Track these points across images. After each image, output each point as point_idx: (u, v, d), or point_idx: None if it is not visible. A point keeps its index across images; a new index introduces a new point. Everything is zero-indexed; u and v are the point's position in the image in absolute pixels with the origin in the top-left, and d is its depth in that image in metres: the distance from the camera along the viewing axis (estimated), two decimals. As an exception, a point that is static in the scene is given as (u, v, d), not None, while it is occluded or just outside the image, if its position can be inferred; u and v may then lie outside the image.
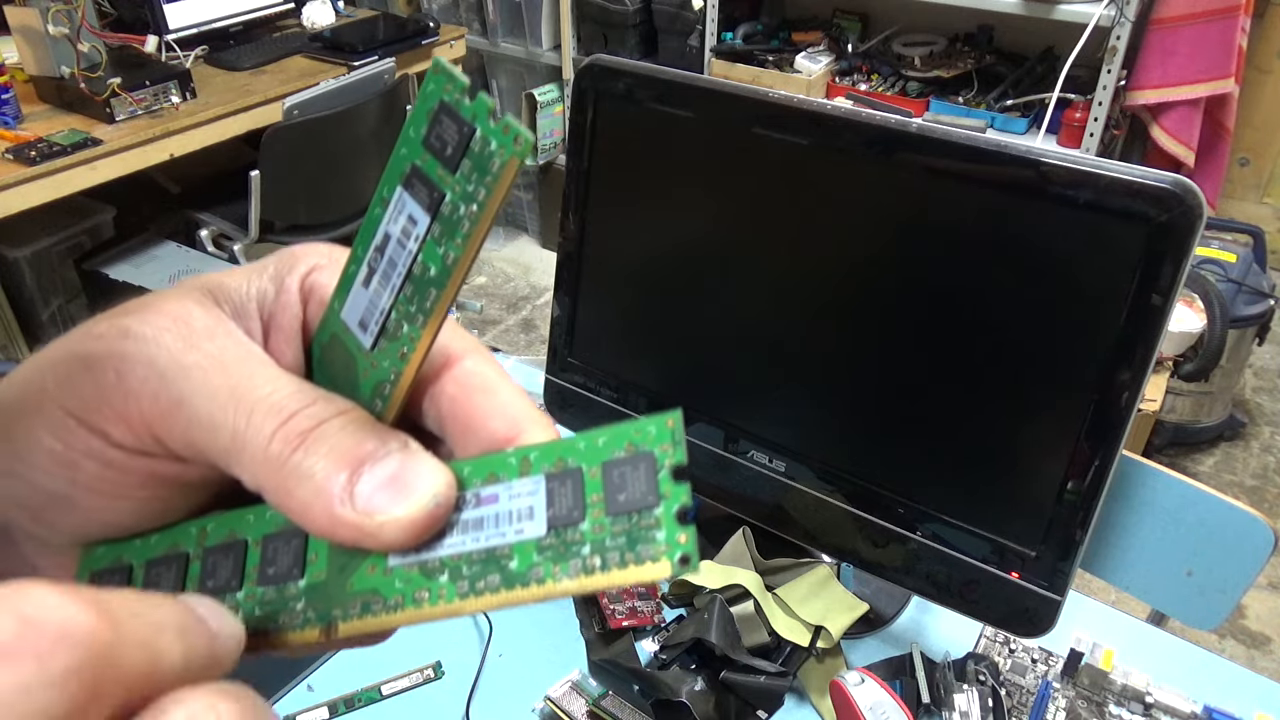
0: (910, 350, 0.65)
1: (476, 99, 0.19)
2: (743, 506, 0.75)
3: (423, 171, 0.19)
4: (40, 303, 2.19)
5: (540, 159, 2.81)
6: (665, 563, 0.18)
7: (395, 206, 0.20)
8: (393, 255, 0.20)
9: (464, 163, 0.19)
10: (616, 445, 0.19)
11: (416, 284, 0.20)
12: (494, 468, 0.20)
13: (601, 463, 0.19)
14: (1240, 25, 1.96)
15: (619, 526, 0.18)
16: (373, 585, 0.20)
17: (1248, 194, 2.63)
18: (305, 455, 0.19)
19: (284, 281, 0.23)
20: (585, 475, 0.19)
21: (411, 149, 0.20)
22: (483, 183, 0.18)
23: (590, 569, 0.18)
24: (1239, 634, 1.73)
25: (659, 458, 0.18)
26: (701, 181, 0.70)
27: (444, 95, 0.19)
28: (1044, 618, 0.62)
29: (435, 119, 0.19)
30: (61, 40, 1.82)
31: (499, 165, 0.18)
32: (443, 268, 0.19)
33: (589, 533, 0.18)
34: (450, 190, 0.19)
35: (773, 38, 2.42)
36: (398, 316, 0.20)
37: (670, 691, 0.66)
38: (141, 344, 0.20)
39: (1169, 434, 2.09)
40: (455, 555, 0.19)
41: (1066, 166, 0.54)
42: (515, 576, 0.19)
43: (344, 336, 0.22)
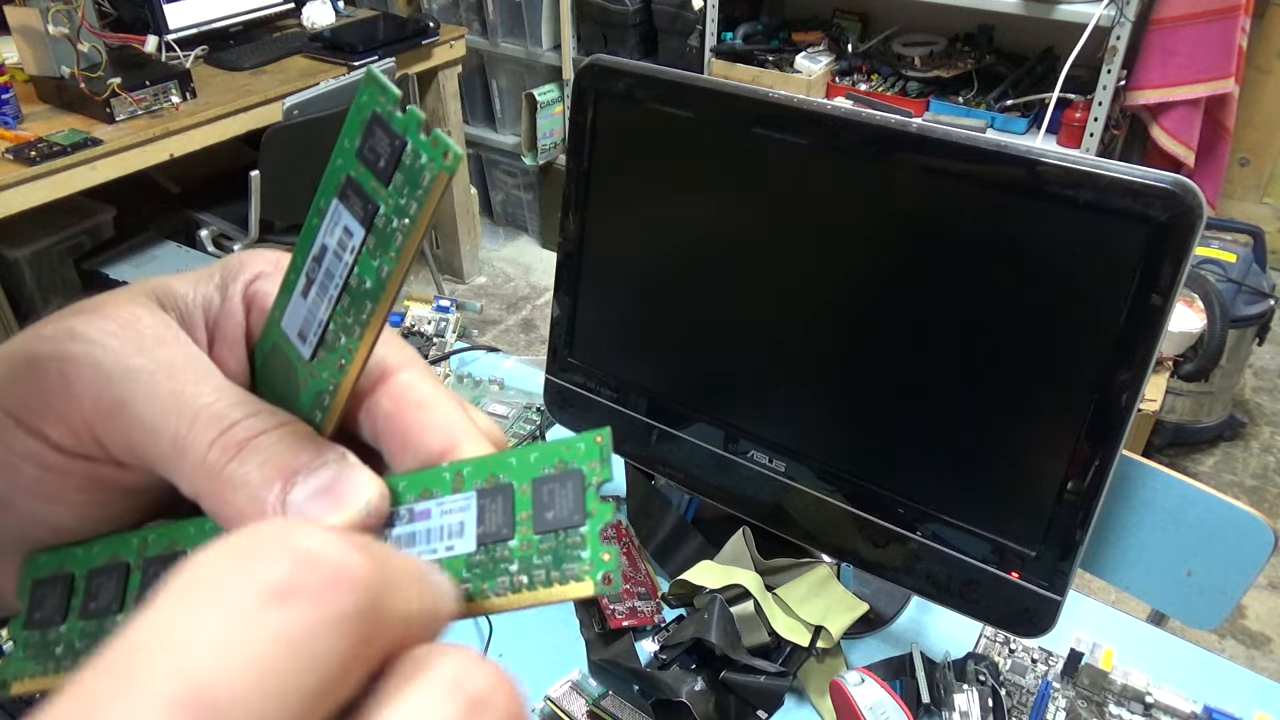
0: (910, 350, 0.65)
1: (408, 112, 0.19)
2: (743, 506, 0.75)
3: (357, 183, 0.20)
4: (40, 303, 2.19)
5: (540, 159, 2.81)
6: (588, 582, 0.18)
7: (331, 218, 0.20)
8: (329, 267, 0.20)
9: (396, 176, 0.19)
10: (547, 462, 0.19)
11: (353, 296, 0.20)
12: (428, 483, 0.20)
13: (532, 479, 0.19)
14: (1240, 25, 1.96)
15: (546, 544, 0.18)
16: None
17: (1248, 194, 2.63)
18: (241, 464, 0.19)
19: (229, 289, 0.23)
20: (516, 492, 0.19)
21: (346, 160, 0.20)
22: (414, 196, 0.19)
23: (517, 587, 0.18)
24: (1239, 634, 1.73)
25: (587, 475, 0.19)
26: (701, 181, 0.70)
27: (376, 107, 0.19)
28: (1044, 618, 0.62)
29: (368, 130, 0.19)
30: (61, 40, 1.82)
31: (429, 179, 0.18)
32: (377, 280, 0.19)
33: (517, 550, 0.18)
34: (384, 203, 0.19)
35: (773, 38, 2.42)
36: (335, 328, 0.20)
37: (670, 691, 0.66)
38: (87, 345, 0.20)
39: (1169, 434, 2.09)
40: None
41: (1066, 166, 0.54)
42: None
43: (285, 346, 0.22)
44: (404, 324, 1.05)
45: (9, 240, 2.08)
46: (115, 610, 0.21)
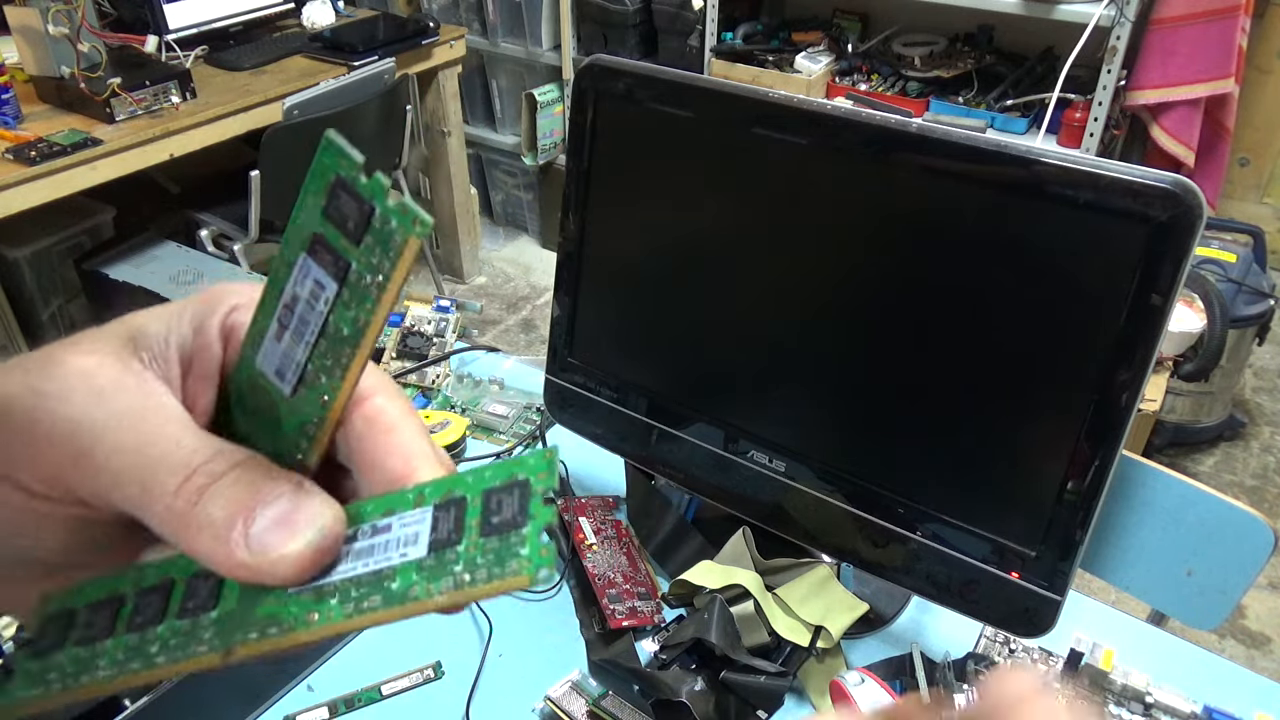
0: (910, 350, 0.65)
1: (373, 178, 0.20)
2: (743, 506, 0.75)
3: (326, 241, 0.21)
4: (40, 303, 2.19)
5: (540, 159, 2.81)
6: (525, 575, 0.19)
7: (300, 270, 0.22)
8: (303, 314, 0.22)
9: (367, 237, 0.20)
10: (499, 476, 0.21)
11: (331, 341, 0.22)
12: (392, 504, 0.22)
13: (483, 491, 0.21)
14: (1240, 25, 1.96)
15: (490, 545, 0.20)
16: (272, 611, 0.21)
17: (1248, 194, 2.63)
18: (204, 507, 0.21)
19: (203, 324, 0.24)
20: (469, 503, 0.21)
21: (310, 218, 0.21)
22: (386, 256, 0.20)
23: (460, 583, 0.20)
24: (1239, 634, 1.73)
25: (534, 484, 0.20)
26: (701, 181, 0.70)
27: (339, 170, 0.21)
28: (1044, 618, 0.62)
29: (332, 193, 0.21)
30: (61, 40, 1.82)
31: (400, 242, 0.20)
32: (354, 329, 0.21)
33: (463, 552, 0.20)
34: (355, 260, 0.21)
35: (773, 38, 2.42)
36: (315, 369, 0.22)
37: (670, 691, 0.66)
38: (49, 400, 0.21)
39: (1169, 434, 2.09)
40: (346, 580, 0.21)
41: (1066, 166, 0.54)
42: (394, 595, 0.20)
43: (262, 382, 0.23)
44: (404, 324, 1.05)
45: (9, 240, 2.08)
46: (105, 637, 0.23)
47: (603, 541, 0.81)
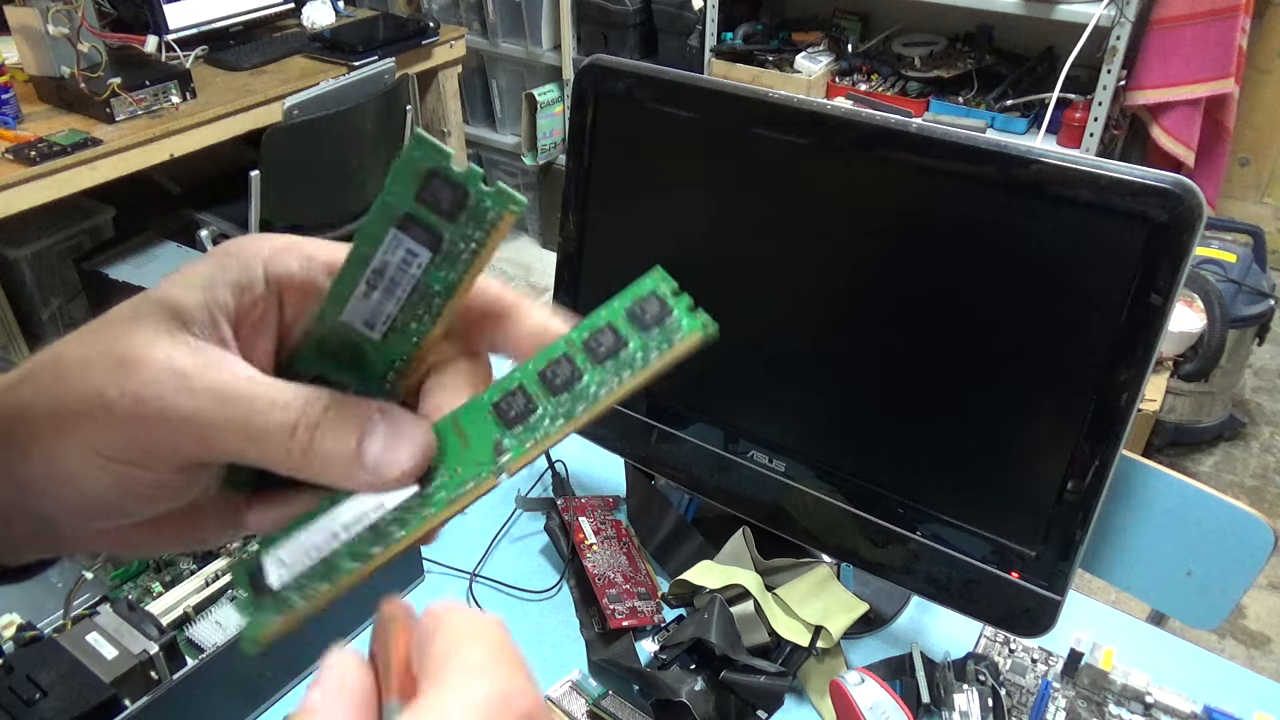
0: (910, 350, 0.65)
1: (468, 168, 0.24)
2: (743, 506, 0.75)
3: (416, 218, 0.24)
4: (40, 303, 2.19)
5: (540, 159, 2.81)
6: (696, 334, 0.24)
7: (390, 242, 0.25)
8: (394, 277, 0.25)
9: (461, 215, 0.24)
10: (626, 301, 0.25)
11: (422, 295, 0.25)
12: (549, 354, 0.25)
13: (624, 311, 0.25)
14: (1240, 25, 1.96)
15: (654, 333, 0.25)
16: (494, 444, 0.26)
17: (1248, 194, 2.63)
18: (317, 447, 0.24)
19: (245, 285, 0.26)
20: (617, 323, 0.25)
21: (400, 200, 0.24)
22: (480, 228, 0.24)
23: (648, 360, 0.24)
24: (1239, 634, 1.73)
25: (659, 290, 0.25)
26: (701, 181, 0.70)
27: (430, 163, 0.24)
28: (1044, 618, 0.62)
29: (426, 180, 0.24)
30: (61, 40, 1.82)
31: (494, 217, 0.24)
32: (446, 284, 0.25)
33: (634, 346, 0.25)
34: (448, 232, 0.24)
35: (773, 38, 2.42)
36: (405, 318, 0.26)
37: (670, 691, 0.66)
38: (148, 403, 0.23)
39: (1169, 434, 2.09)
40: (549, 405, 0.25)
41: (1066, 166, 0.54)
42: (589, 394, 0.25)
43: (346, 331, 0.26)
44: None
45: (9, 240, 2.08)
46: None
47: (603, 541, 0.81)
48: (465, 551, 0.84)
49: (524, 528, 0.87)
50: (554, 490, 0.88)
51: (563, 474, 0.90)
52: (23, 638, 0.61)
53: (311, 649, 0.74)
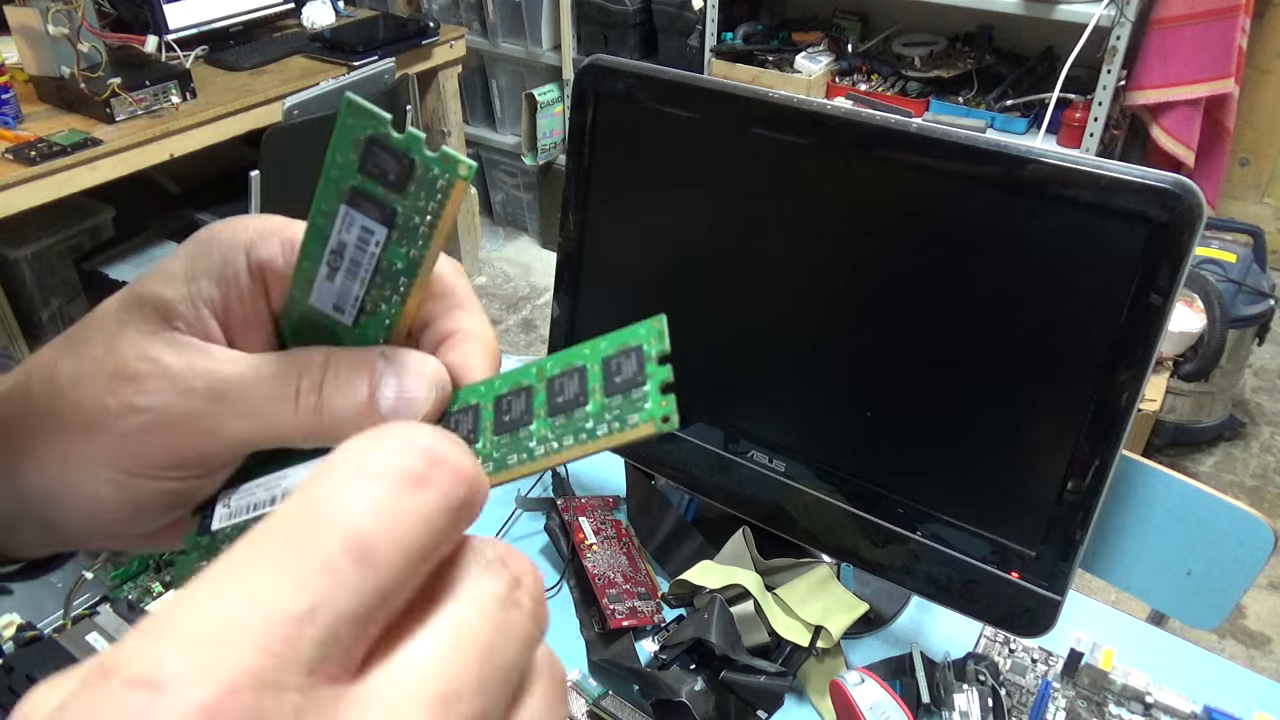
0: (910, 350, 0.65)
1: (406, 133, 0.22)
2: (743, 506, 0.75)
3: (364, 192, 0.23)
4: (40, 303, 2.19)
5: (540, 159, 2.81)
6: (650, 424, 0.21)
7: (343, 220, 0.23)
8: (354, 257, 0.24)
9: (410, 185, 0.22)
10: (613, 345, 0.23)
11: (386, 274, 0.24)
12: (517, 378, 0.24)
13: (601, 359, 0.23)
14: (1240, 25, 1.96)
15: (614, 402, 0.22)
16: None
17: (1248, 194, 2.63)
18: (331, 413, 0.23)
19: (229, 277, 0.25)
20: (589, 369, 0.23)
21: (344, 173, 0.23)
22: (433, 199, 0.22)
23: (592, 435, 0.22)
24: (1239, 634, 1.73)
25: (646, 349, 0.22)
26: (701, 181, 0.70)
27: (368, 129, 0.22)
28: (1044, 618, 0.62)
29: (367, 151, 0.22)
30: (61, 40, 1.82)
31: (446, 185, 0.22)
32: (408, 262, 0.23)
33: (592, 410, 0.22)
34: (400, 205, 0.23)
35: (773, 38, 2.42)
36: (374, 299, 0.24)
37: (670, 691, 0.66)
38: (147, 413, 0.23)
39: (1169, 434, 2.09)
40: (489, 443, 0.23)
41: (1066, 166, 0.54)
42: (531, 451, 0.23)
43: (317, 317, 0.25)
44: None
45: (9, 240, 2.08)
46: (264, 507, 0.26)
47: (603, 541, 0.81)
48: (465, 551, 0.83)
49: (524, 527, 0.87)
50: (554, 490, 0.88)
51: (563, 474, 0.90)
52: (23, 638, 0.61)
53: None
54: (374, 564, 0.15)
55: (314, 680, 0.15)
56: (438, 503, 0.17)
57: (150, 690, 0.13)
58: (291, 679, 0.14)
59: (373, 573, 0.15)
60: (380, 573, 0.16)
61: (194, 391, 0.23)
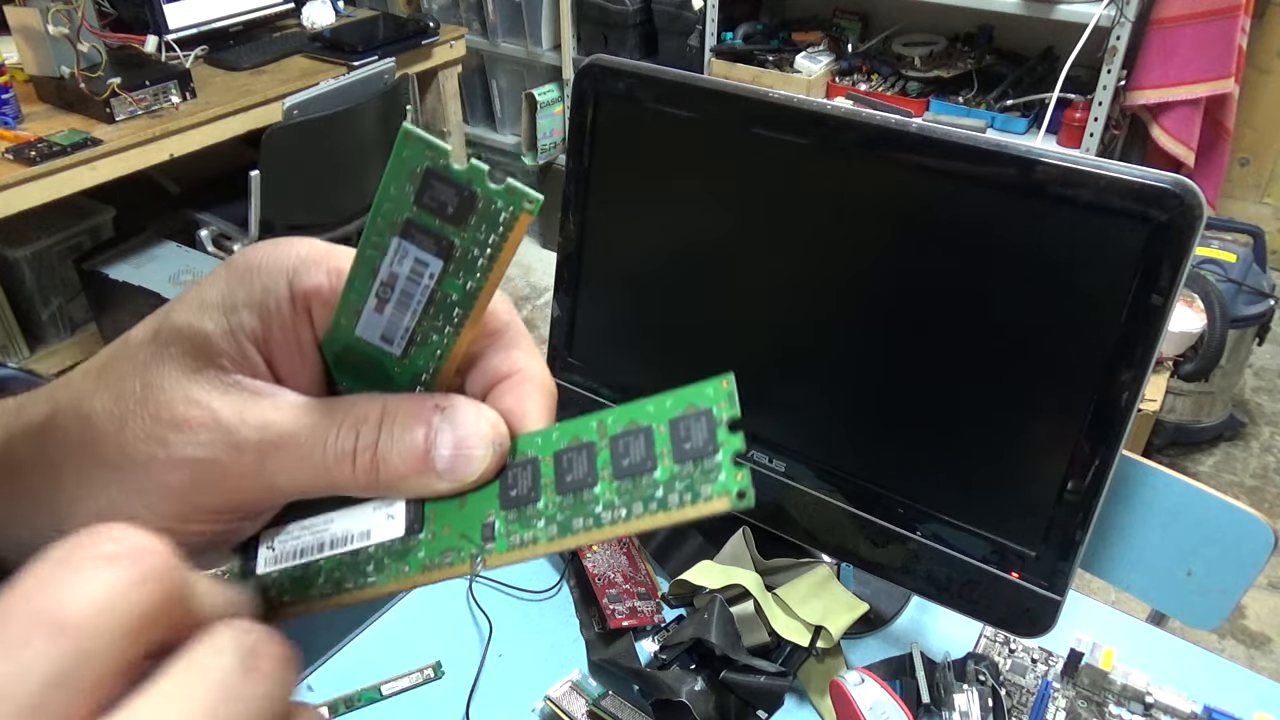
0: (910, 350, 0.65)
1: (469, 165, 0.21)
2: (743, 506, 0.75)
3: (420, 225, 0.22)
4: (40, 303, 2.19)
5: (540, 159, 2.81)
6: (725, 498, 0.21)
7: (396, 252, 0.22)
8: (406, 289, 0.23)
9: (470, 219, 0.22)
10: (680, 406, 0.22)
11: (440, 306, 0.23)
12: (577, 431, 0.23)
13: (669, 420, 0.22)
14: (1240, 25, 1.96)
15: (684, 471, 0.21)
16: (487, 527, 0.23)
17: (1248, 194, 2.63)
18: (387, 468, 0.23)
19: (271, 307, 0.23)
20: (655, 431, 0.22)
21: (399, 205, 0.22)
22: (495, 232, 0.22)
23: (665, 505, 0.21)
24: (1239, 634, 1.73)
25: (716, 414, 0.21)
26: (701, 181, 0.70)
27: (427, 162, 0.21)
28: (1044, 618, 0.62)
29: (425, 183, 0.22)
30: (61, 40, 1.82)
31: (510, 219, 0.21)
32: (464, 293, 0.22)
33: (661, 478, 0.21)
34: (459, 239, 0.22)
35: (773, 38, 2.42)
36: (425, 330, 0.23)
37: (670, 691, 0.66)
38: (199, 466, 0.22)
39: (1169, 434, 2.09)
40: (550, 503, 0.23)
41: (1066, 166, 0.54)
42: (599, 518, 0.22)
43: (364, 348, 0.24)
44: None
45: (9, 240, 2.08)
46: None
47: (603, 541, 0.81)
48: (465, 551, 0.83)
49: (524, 528, 0.87)
50: (554, 490, 0.88)
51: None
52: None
53: (309, 655, 0.74)
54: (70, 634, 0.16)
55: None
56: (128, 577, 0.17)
57: None
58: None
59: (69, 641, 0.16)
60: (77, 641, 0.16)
61: (248, 444, 0.22)
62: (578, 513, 0.22)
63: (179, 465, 0.22)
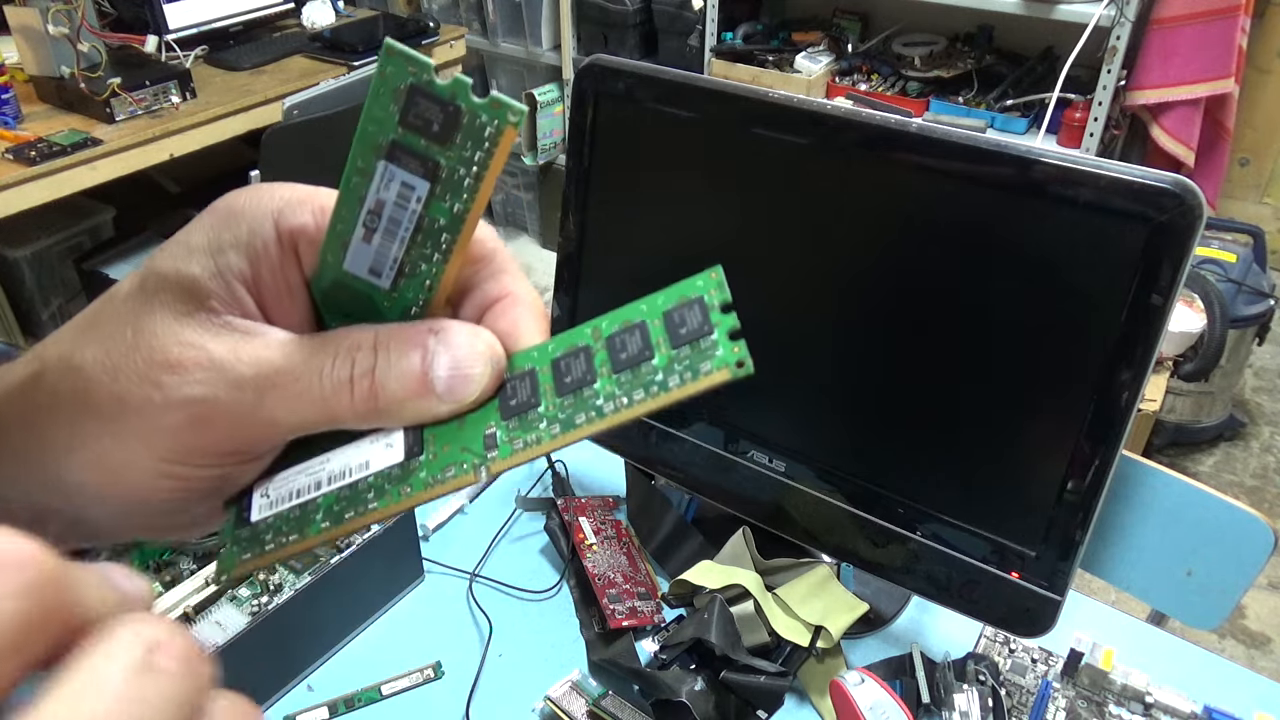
0: (910, 350, 0.65)
1: (454, 79, 0.21)
2: (743, 506, 0.75)
3: (405, 146, 0.22)
4: (40, 303, 2.19)
5: (540, 159, 2.81)
6: (725, 370, 0.21)
7: (381, 177, 0.22)
8: (393, 215, 0.23)
9: (456, 135, 0.21)
10: (671, 299, 0.22)
11: (427, 233, 0.23)
12: (572, 339, 0.23)
13: (662, 314, 0.22)
14: (1240, 25, 1.96)
15: (683, 353, 0.22)
16: (488, 436, 0.23)
17: (1248, 194, 2.63)
18: (386, 395, 0.23)
19: (258, 247, 0.23)
20: (649, 325, 0.22)
21: (383, 127, 0.22)
22: (480, 148, 0.21)
23: (665, 386, 0.22)
24: (1239, 634, 1.73)
25: (708, 300, 0.22)
26: (701, 181, 0.70)
27: (410, 79, 0.21)
28: (1044, 618, 0.62)
29: (409, 101, 0.21)
30: (61, 40, 1.82)
31: (495, 133, 0.21)
32: (452, 217, 0.22)
33: (660, 363, 0.22)
34: (444, 158, 0.21)
35: (773, 38, 2.42)
36: (414, 259, 0.23)
37: (670, 691, 0.66)
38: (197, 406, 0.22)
39: (1169, 434, 2.09)
40: (551, 405, 0.23)
41: (1066, 166, 0.54)
42: (600, 409, 0.22)
43: (351, 282, 0.24)
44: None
45: (9, 240, 2.08)
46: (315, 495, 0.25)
47: (603, 541, 0.81)
48: (465, 551, 0.84)
49: (524, 528, 0.87)
50: (554, 490, 0.88)
51: (563, 474, 0.90)
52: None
53: (309, 655, 0.74)
54: None
55: None
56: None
57: None
58: None
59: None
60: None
61: (244, 381, 0.22)
62: (580, 409, 0.22)
63: (176, 406, 0.22)
